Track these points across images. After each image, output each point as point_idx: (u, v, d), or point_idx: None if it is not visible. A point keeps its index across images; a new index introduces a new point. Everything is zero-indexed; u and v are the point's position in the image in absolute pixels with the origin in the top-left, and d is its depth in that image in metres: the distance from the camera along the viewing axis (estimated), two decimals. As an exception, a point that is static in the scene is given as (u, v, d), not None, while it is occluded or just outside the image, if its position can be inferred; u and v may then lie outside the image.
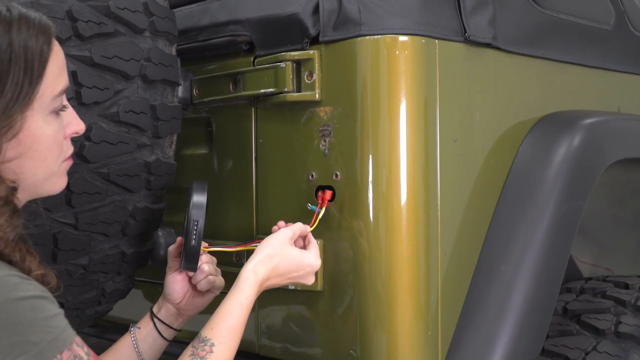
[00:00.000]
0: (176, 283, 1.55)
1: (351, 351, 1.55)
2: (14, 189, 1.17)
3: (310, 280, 1.50)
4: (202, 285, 1.53)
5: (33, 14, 1.18)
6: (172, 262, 1.56)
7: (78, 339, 1.14)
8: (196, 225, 1.48)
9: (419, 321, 1.53)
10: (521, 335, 1.60)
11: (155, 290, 1.97)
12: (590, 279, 2.07)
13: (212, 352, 1.31)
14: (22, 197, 1.21)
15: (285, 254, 1.45)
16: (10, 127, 1.14)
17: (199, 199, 1.50)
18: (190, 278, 1.56)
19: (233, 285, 1.40)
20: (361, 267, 1.54)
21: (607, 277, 2.06)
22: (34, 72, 1.16)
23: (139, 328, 1.54)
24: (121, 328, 1.63)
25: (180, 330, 1.57)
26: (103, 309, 1.71)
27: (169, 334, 1.55)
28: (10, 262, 1.14)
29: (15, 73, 1.13)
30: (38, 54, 1.16)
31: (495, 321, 1.59)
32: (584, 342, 1.71)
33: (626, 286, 1.93)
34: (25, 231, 1.20)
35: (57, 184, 1.26)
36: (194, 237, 1.48)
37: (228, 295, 1.39)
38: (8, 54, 1.13)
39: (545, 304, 1.68)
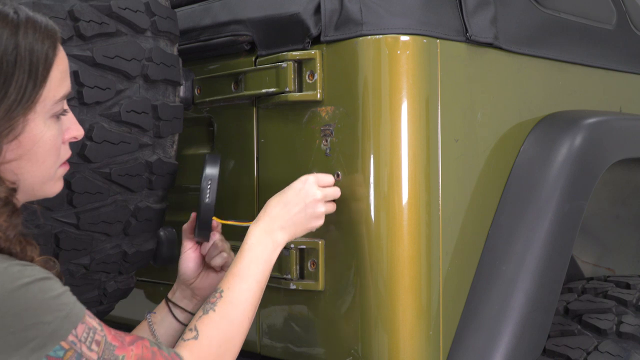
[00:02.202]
0: (190, 261, 1.56)
1: (352, 351, 1.55)
2: (13, 190, 1.18)
3: (316, 194, 1.47)
4: (216, 261, 1.55)
5: (40, 17, 1.19)
6: (186, 240, 1.57)
7: (89, 312, 1.17)
8: (209, 184, 1.50)
9: (420, 321, 1.53)
10: (523, 335, 1.60)
11: (156, 290, 1.97)
12: (591, 279, 2.07)
13: (220, 297, 1.36)
14: (20, 199, 1.22)
15: (278, 194, 1.48)
16: (12, 129, 1.14)
17: (212, 163, 1.53)
18: (204, 257, 1.57)
19: None
20: (362, 267, 1.54)
21: (608, 277, 2.06)
22: (38, 76, 1.16)
23: (155, 313, 1.55)
24: (123, 328, 1.63)
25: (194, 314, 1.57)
26: (105, 308, 1.71)
27: (184, 317, 1.56)
28: (10, 254, 1.15)
29: (20, 76, 1.14)
30: (43, 58, 1.17)
31: (496, 321, 1.59)
32: (585, 342, 1.71)
33: (628, 286, 1.93)
34: (26, 230, 1.21)
35: (53, 188, 1.27)
36: (207, 195, 1.50)
37: None
38: (14, 56, 1.14)
39: (547, 304, 1.67)
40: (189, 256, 1.56)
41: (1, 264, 1.10)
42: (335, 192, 1.53)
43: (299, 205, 1.46)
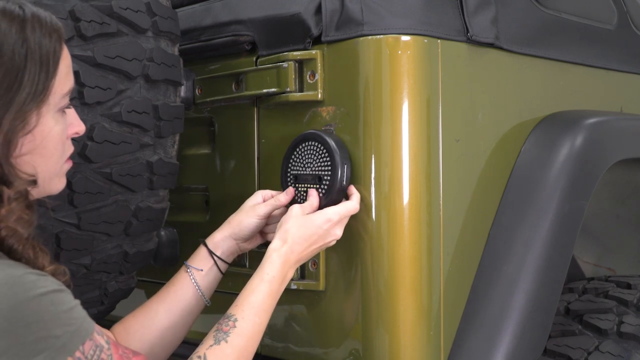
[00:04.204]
0: (255, 229, 1.56)
1: (353, 351, 1.55)
2: (33, 182, 1.18)
3: (337, 234, 1.48)
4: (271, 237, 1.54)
5: (43, 13, 1.20)
6: (264, 209, 1.56)
7: (98, 328, 1.16)
8: (346, 165, 1.51)
9: (421, 321, 1.53)
10: (523, 335, 1.60)
11: (157, 290, 1.97)
12: (592, 279, 2.07)
13: (235, 327, 1.34)
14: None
15: (300, 223, 1.46)
16: (26, 123, 1.16)
17: (341, 144, 1.52)
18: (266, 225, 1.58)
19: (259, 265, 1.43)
20: (363, 267, 1.54)
21: (609, 277, 2.06)
22: (49, 68, 1.18)
23: (201, 270, 1.54)
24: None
25: (230, 264, 1.59)
26: (105, 308, 1.71)
27: (223, 267, 1.57)
28: (21, 260, 1.15)
29: (32, 69, 1.15)
30: (52, 51, 1.18)
31: (497, 321, 1.59)
32: (586, 342, 1.71)
33: (628, 286, 1.93)
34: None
35: (58, 184, 1.27)
36: (345, 177, 1.50)
37: (254, 273, 1.42)
38: (24, 49, 1.15)
39: (548, 304, 1.67)
40: (256, 225, 1.56)
41: (16, 271, 1.10)
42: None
43: (318, 244, 1.47)
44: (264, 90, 1.65)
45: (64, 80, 1.21)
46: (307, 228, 1.46)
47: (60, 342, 1.08)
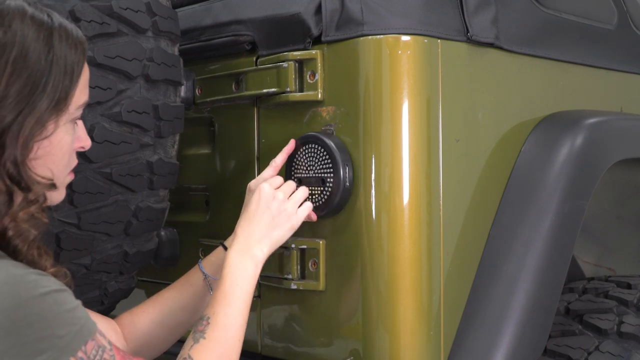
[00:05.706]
0: None
1: (353, 351, 1.55)
2: (52, 186, 1.20)
3: (276, 195, 1.47)
4: None
5: (70, 25, 1.23)
6: None
7: (99, 329, 1.16)
8: (347, 167, 1.52)
9: (421, 321, 1.53)
10: (523, 335, 1.60)
11: (157, 290, 1.97)
12: (592, 279, 2.07)
13: (208, 323, 1.35)
14: None
15: (242, 212, 1.49)
16: (44, 128, 1.18)
17: (342, 147, 1.53)
18: None
19: None
20: (363, 267, 1.54)
21: (609, 277, 2.06)
22: (73, 78, 1.20)
23: (216, 279, 1.54)
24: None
25: None
26: (105, 308, 1.71)
27: None
28: (23, 260, 1.16)
29: (56, 76, 1.18)
30: (76, 62, 1.21)
31: (497, 321, 1.59)
32: (586, 342, 1.71)
33: (629, 286, 1.93)
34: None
35: (58, 196, 1.29)
36: (348, 179, 1.52)
37: None
38: (50, 57, 1.17)
39: (548, 304, 1.67)
40: None
41: (18, 271, 1.10)
42: (292, 187, 1.52)
43: (265, 214, 1.46)
44: (264, 90, 1.65)
45: (82, 92, 1.24)
46: (245, 211, 1.47)
47: (63, 342, 1.08)
